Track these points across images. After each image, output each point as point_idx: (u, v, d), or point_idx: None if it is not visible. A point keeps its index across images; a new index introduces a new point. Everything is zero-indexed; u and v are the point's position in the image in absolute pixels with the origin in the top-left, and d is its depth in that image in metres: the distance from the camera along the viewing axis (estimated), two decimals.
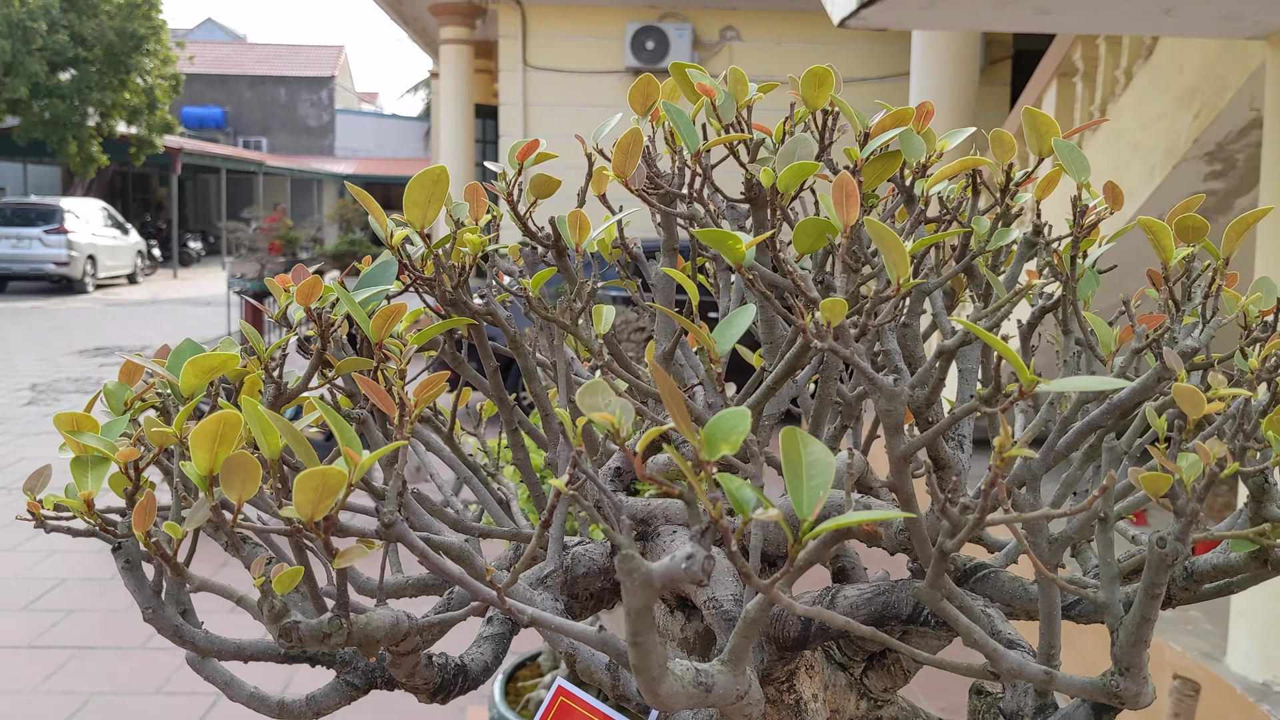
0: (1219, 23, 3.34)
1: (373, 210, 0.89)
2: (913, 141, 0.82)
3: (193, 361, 0.80)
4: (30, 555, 6.11)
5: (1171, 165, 4.25)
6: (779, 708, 0.86)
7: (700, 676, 0.68)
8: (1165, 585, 0.80)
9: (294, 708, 1.07)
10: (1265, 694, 3.36)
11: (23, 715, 4.24)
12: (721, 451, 0.55)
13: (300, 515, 0.70)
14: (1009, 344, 1.11)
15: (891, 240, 0.65)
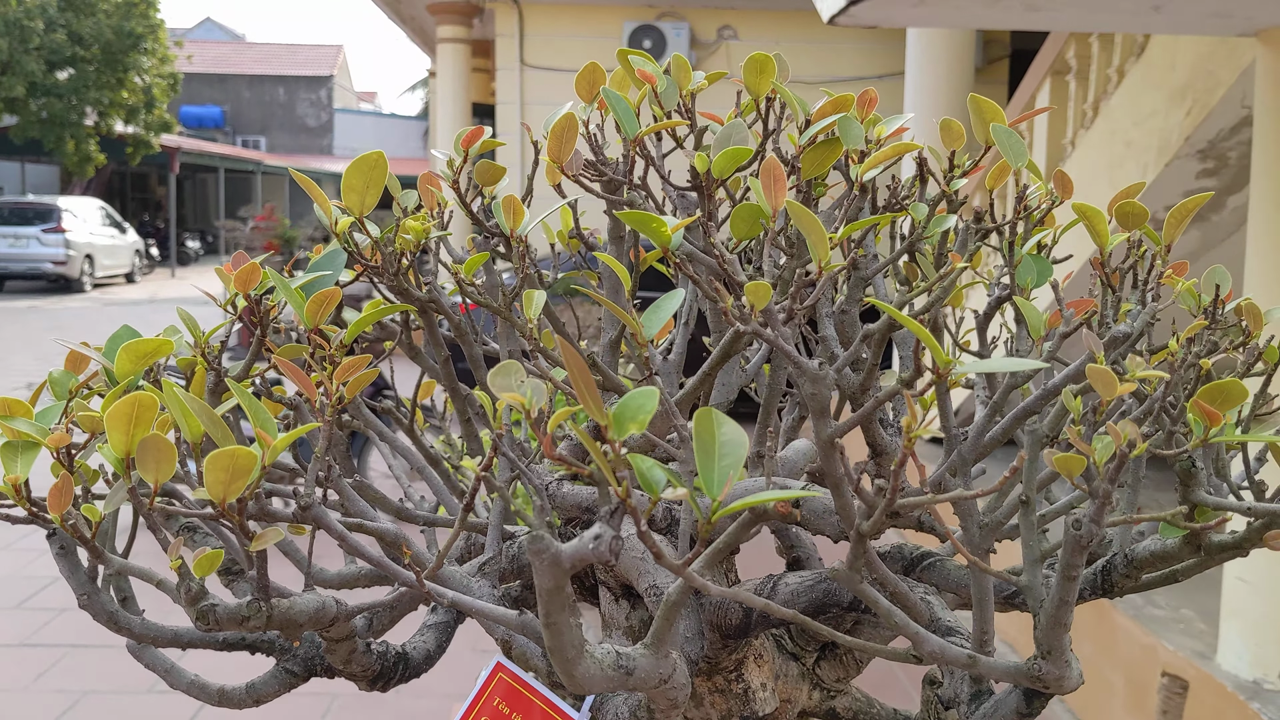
0: (1208, 20, 3.34)
1: (318, 198, 0.89)
2: (851, 128, 0.81)
3: (127, 347, 0.79)
4: (24, 554, 6.10)
5: (1164, 163, 4.25)
6: (727, 696, 0.85)
7: (621, 660, 0.68)
8: (1082, 567, 0.80)
9: (234, 695, 1.07)
10: (1256, 692, 3.35)
11: (15, 714, 4.23)
12: (629, 430, 0.55)
13: (213, 496, 0.69)
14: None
15: (810, 222, 0.64)
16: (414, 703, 4.37)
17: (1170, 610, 4.05)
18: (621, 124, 0.79)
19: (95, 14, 23.20)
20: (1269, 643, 3.38)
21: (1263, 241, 3.39)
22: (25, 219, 22.45)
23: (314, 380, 0.81)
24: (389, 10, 16.33)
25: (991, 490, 0.76)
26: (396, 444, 1.21)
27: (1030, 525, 0.89)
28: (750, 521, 0.61)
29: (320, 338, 0.83)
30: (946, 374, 0.69)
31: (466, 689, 1.66)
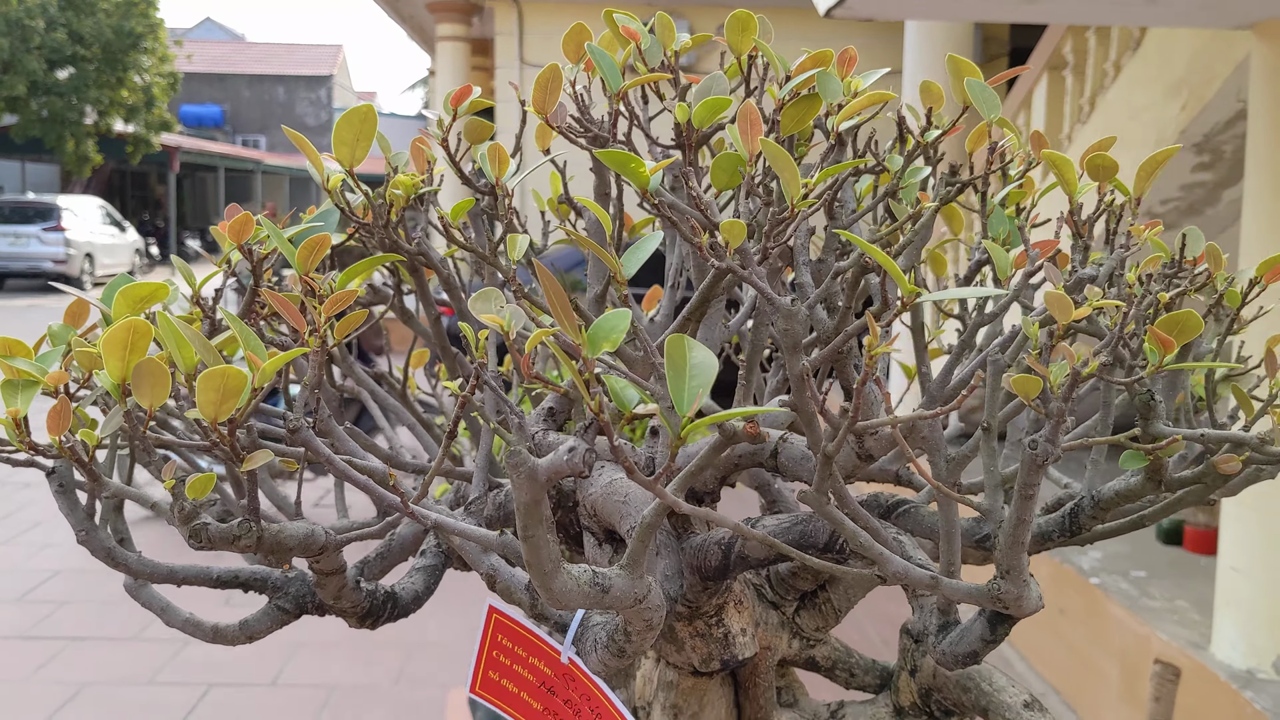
0: (1202, 12, 3.36)
1: (309, 154, 0.91)
2: (829, 82, 0.83)
3: (123, 290, 0.81)
4: (25, 548, 6.12)
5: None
6: (708, 640, 0.87)
7: (597, 578, 0.70)
8: (1038, 486, 0.81)
9: (227, 632, 1.09)
10: (1249, 681, 3.37)
11: (15, 704, 4.25)
12: (603, 349, 0.57)
13: (204, 416, 0.71)
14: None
15: (784, 160, 0.66)
16: (411, 692, 4.39)
17: (1165, 601, 4.07)
18: (606, 79, 0.81)
19: (95, 13, 23.21)
20: (1262, 632, 3.40)
21: (1257, 234, 3.41)
22: (26, 217, 22.44)
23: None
24: (388, 9, 16.35)
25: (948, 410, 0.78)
26: (387, 403, 1.22)
27: (991, 451, 0.91)
28: (720, 445, 0.62)
29: (310, 284, 0.85)
30: (911, 303, 0.71)
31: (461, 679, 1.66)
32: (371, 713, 4.24)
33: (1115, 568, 4.43)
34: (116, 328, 0.70)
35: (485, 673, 0.97)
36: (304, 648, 4.83)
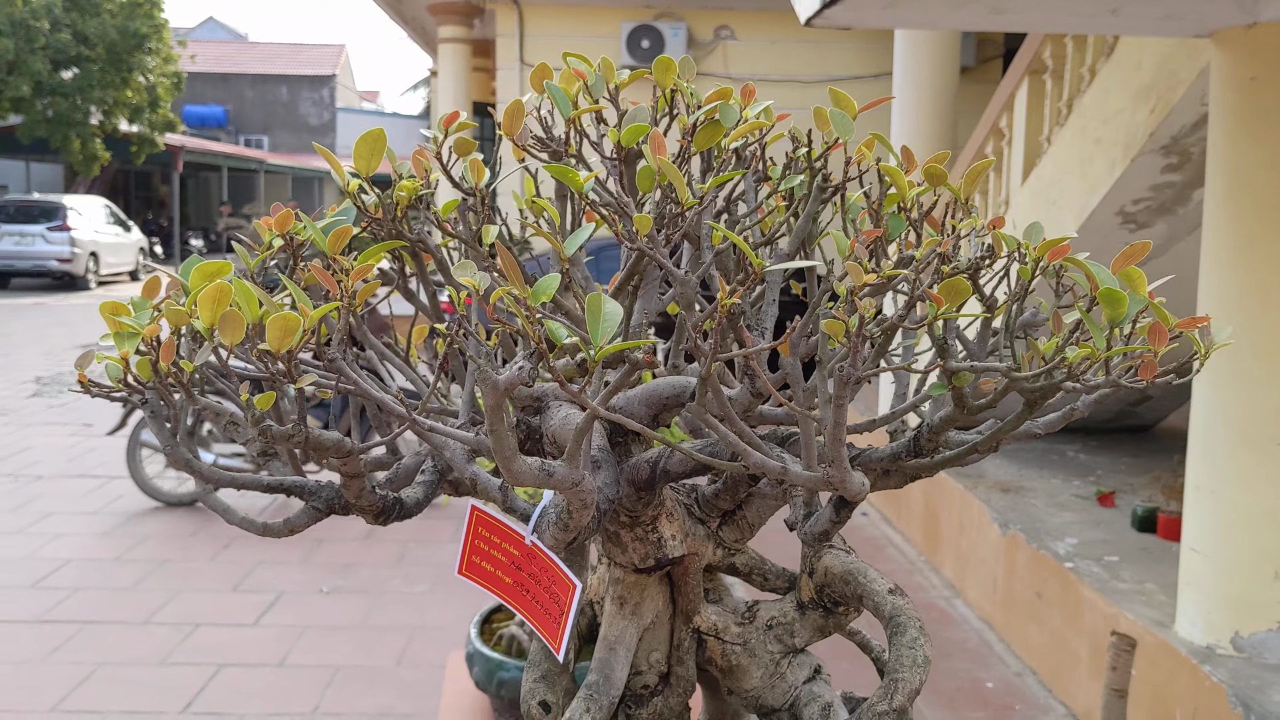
0: (1163, 22, 3.54)
1: (333, 164, 1.09)
2: (728, 111, 1.01)
3: (198, 267, 0.99)
4: (38, 538, 6.31)
5: (1130, 158, 4.44)
6: (645, 543, 1.04)
7: (545, 466, 0.88)
8: (848, 397, 0.96)
9: (274, 527, 1.27)
10: (1208, 656, 3.55)
11: (32, 684, 4.43)
12: (541, 299, 0.75)
13: (271, 348, 0.88)
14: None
15: (673, 172, 0.84)
16: (413, 672, 4.57)
17: (1134, 584, 4.25)
18: (559, 108, 0.99)
19: (100, 14, 23.39)
20: (1220, 611, 3.58)
21: (1217, 232, 3.58)
22: (31, 217, 22.62)
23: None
24: (390, 11, 16.52)
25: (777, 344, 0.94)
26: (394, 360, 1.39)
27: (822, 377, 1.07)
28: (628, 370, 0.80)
29: (337, 261, 1.03)
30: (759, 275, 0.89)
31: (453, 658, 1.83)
32: (375, 691, 4.42)
33: (1089, 554, 4.60)
34: (209, 288, 0.88)
35: (469, 558, 1.15)
36: (310, 630, 5.01)
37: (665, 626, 1.08)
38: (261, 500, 7.19)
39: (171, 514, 6.86)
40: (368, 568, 5.91)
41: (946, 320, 1.03)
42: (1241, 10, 3.39)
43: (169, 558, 6.01)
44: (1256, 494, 3.50)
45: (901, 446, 1.16)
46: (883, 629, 1.16)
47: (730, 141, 0.97)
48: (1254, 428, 3.49)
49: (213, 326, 0.88)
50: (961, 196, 1.15)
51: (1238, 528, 3.53)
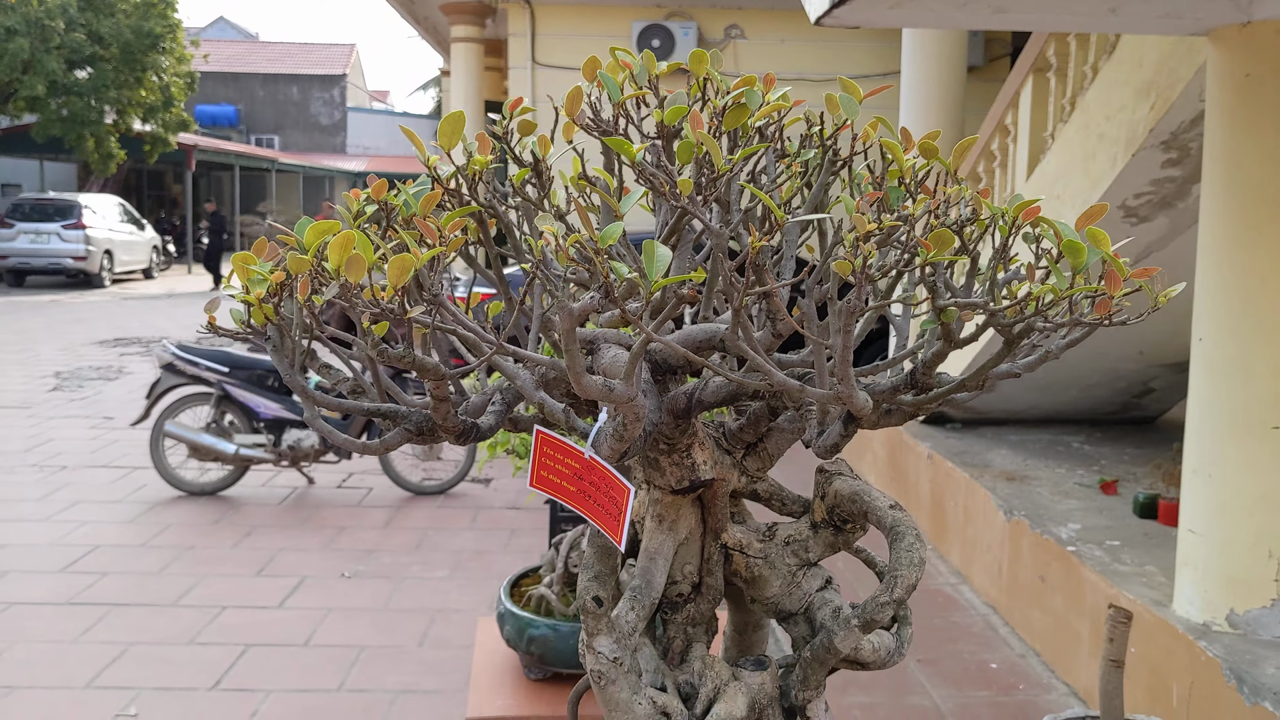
0: (1161, 20, 3.66)
1: (416, 143, 1.22)
2: (752, 96, 1.14)
3: (312, 226, 1.13)
4: (65, 525, 6.47)
5: (1131, 154, 4.57)
6: (680, 468, 1.18)
7: (606, 383, 1.01)
8: (854, 327, 1.08)
9: (371, 446, 1.39)
10: (1204, 633, 3.67)
11: (66, 662, 4.58)
12: (609, 242, 0.88)
13: (391, 282, 1.02)
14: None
15: (710, 143, 0.98)
16: (435, 653, 4.72)
17: (1134, 567, 4.37)
18: (610, 94, 1.12)
19: (115, 14, 23.59)
20: (1216, 589, 3.71)
21: (1213, 224, 3.71)
22: (46, 215, 22.84)
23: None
24: (403, 10, 16.68)
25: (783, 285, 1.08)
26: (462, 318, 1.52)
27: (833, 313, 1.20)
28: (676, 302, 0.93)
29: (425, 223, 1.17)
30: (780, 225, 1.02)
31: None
32: (399, 669, 4.56)
33: (1092, 539, 4.73)
34: (340, 235, 1.02)
35: (538, 473, 1.28)
36: (333, 613, 5.16)
37: (697, 542, 1.21)
38: (280, 491, 7.35)
39: (194, 503, 7.02)
40: (388, 554, 6.06)
41: (935, 265, 1.16)
42: (1237, 9, 3.52)
43: (193, 544, 6.17)
44: (1252, 477, 3.62)
45: (900, 380, 1.29)
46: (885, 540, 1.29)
47: (755, 121, 1.10)
48: (1249, 413, 3.61)
49: (339, 267, 1.01)
50: (951, 169, 1.28)
51: (1233, 510, 3.66)
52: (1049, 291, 1.17)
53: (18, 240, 22.32)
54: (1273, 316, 3.54)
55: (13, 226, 22.38)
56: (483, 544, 6.25)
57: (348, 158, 46.74)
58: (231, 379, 7.03)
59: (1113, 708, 3.15)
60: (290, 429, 7.07)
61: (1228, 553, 3.68)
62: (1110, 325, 1.17)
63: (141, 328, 16.29)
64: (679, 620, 1.18)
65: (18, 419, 9.54)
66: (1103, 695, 3.17)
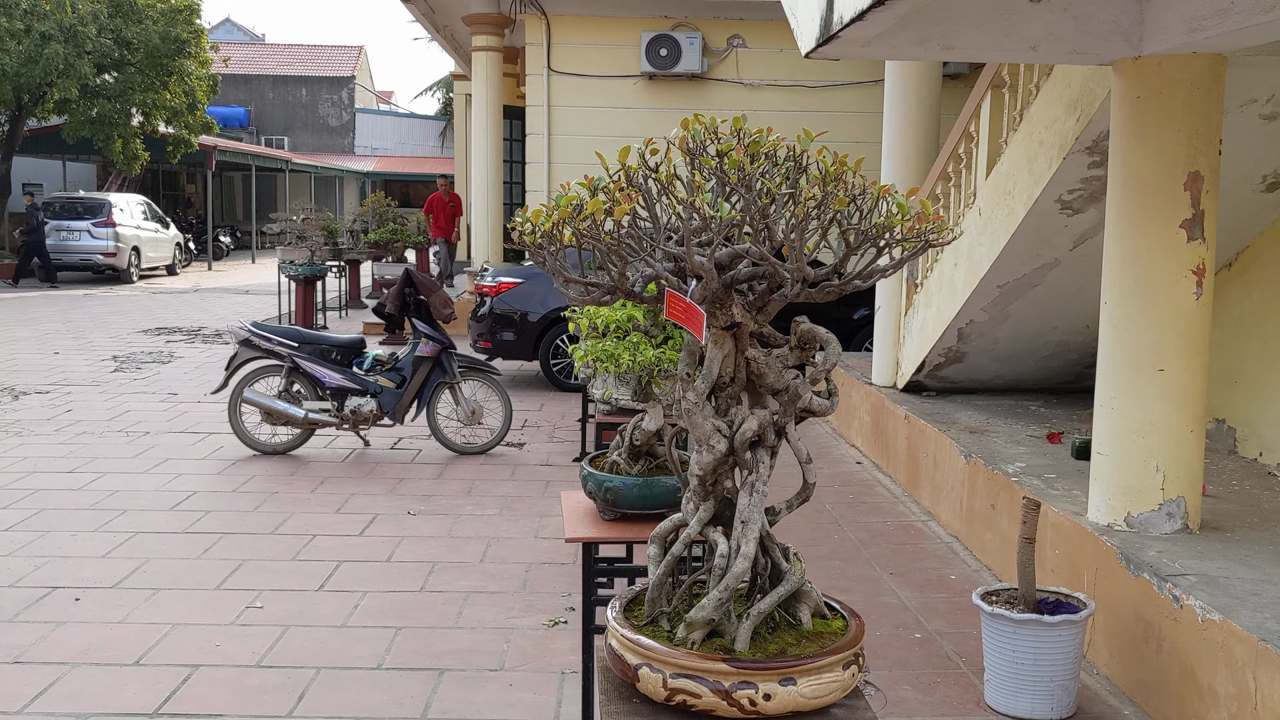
0: (1072, 55, 4.70)
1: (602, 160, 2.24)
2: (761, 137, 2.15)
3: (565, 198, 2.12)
4: (163, 476, 7.51)
5: (1063, 157, 5.61)
6: (726, 314, 2.13)
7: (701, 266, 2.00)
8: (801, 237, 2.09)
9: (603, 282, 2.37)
10: (1108, 531, 4.71)
11: (196, 572, 5.61)
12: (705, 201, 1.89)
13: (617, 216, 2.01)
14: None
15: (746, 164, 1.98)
16: (495, 567, 5.75)
17: (1064, 491, 5.41)
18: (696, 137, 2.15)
19: (143, 21, 24.63)
20: (1117, 498, 4.74)
21: (1115, 212, 4.74)
22: (76, 213, 23.93)
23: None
24: (424, 20, 17.72)
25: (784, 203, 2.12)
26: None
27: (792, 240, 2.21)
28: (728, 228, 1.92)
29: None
30: (773, 196, 2.02)
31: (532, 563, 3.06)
32: (467, 577, 5.60)
33: (1034, 473, 5.77)
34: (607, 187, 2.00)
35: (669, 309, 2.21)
36: (406, 539, 6.20)
37: (733, 356, 2.18)
38: (342, 451, 8.39)
39: (268, 460, 8.06)
40: (444, 498, 7.10)
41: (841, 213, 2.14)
42: (1129, 46, 4.56)
43: (277, 490, 7.21)
44: (1143, 408, 4.66)
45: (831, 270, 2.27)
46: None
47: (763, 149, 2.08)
48: (1141, 358, 4.65)
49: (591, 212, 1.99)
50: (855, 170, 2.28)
51: (1129, 434, 4.70)
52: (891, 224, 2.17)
53: (50, 237, 23.38)
54: (1156, 283, 4.58)
55: (45, 224, 23.45)
56: (523, 491, 7.29)
57: (356, 158, 47.87)
58: (300, 353, 8.07)
59: (1026, 574, 4.22)
60: (351, 397, 8.10)
61: (1125, 468, 4.71)
62: (929, 245, 2.17)
63: (178, 319, 17.33)
64: (724, 395, 2.16)
65: (93, 395, 10.59)
66: (1020, 567, 4.24)
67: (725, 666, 1.89)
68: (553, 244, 2.06)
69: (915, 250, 2.04)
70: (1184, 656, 3.93)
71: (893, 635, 4.93)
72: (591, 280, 2.11)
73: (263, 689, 4.29)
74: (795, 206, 1.88)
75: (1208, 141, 4.55)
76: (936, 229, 2.06)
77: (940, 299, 7.48)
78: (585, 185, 2.00)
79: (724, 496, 2.12)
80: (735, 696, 1.87)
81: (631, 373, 3.27)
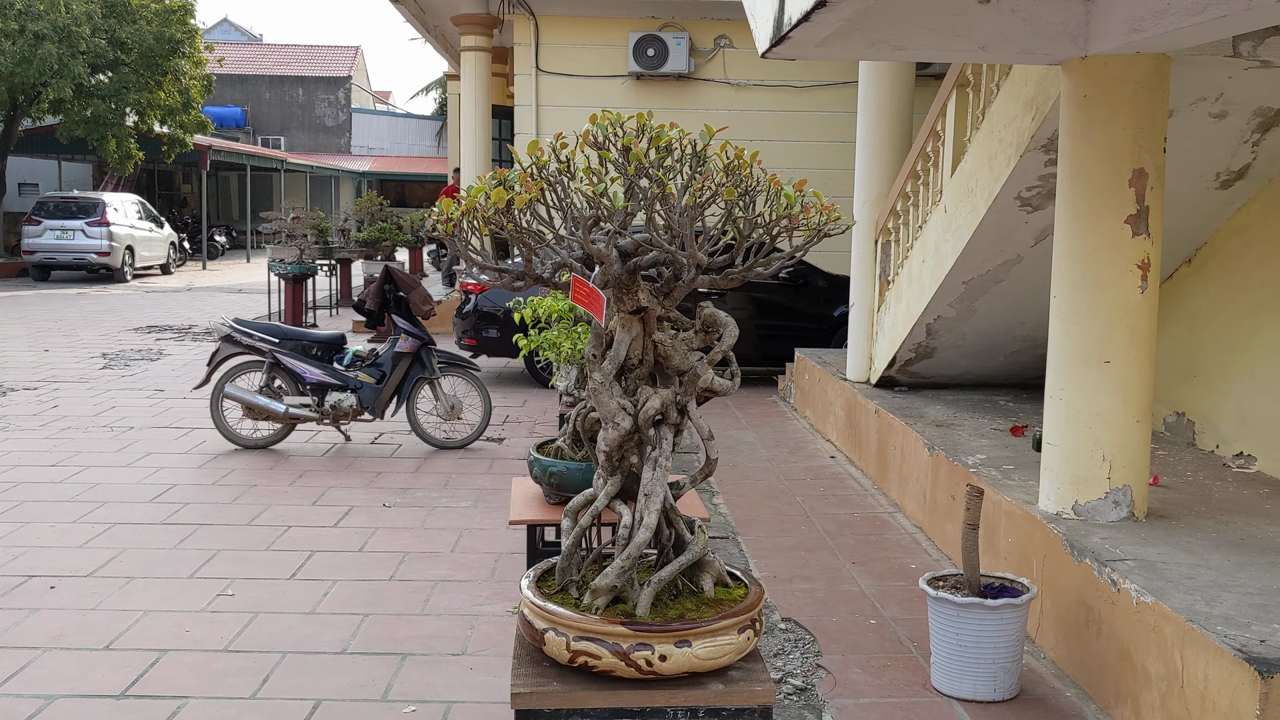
0: (1021, 55, 4.82)
1: (529, 144, 2.35)
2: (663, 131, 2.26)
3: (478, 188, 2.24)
4: (145, 469, 7.62)
5: (1020, 155, 5.72)
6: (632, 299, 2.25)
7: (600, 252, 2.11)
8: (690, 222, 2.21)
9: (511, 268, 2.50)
10: (1056, 520, 4.82)
11: (171, 561, 5.71)
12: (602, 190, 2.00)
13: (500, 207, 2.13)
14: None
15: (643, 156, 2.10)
16: (465, 556, 5.86)
17: (1020, 481, 5.52)
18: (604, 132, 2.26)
19: (136, 21, 24.75)
20: (1065, 487, 4.85)
21: (1064, 207, 4.85)
22: (70, 213, 24.02)
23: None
24: (414, 21, 17.83)
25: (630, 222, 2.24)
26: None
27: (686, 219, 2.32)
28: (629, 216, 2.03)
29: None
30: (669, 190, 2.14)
31: (502, 552, 3.15)
32: (437, 567, 5.71)
33: (993, 464, 5.88)
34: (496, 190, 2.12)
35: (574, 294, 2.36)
36: (380, 530, 6.32)
37: (640, 339, 2.30)
38: (322, 445, 8.50)
39: (249, 454, 8.18)
40: (421, 490, 7.22)
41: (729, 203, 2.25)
42: (1076, 46, 4.68)
43: (256, 483, 7.33)
44: (1090, 399, 4.78)
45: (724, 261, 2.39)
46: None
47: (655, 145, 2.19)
48: (1088, 351, 4.76)
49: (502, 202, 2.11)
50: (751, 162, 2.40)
51: (1077, 424, 4.81)
52: (777, 212, 2.29)
53: (45, 236, 23.51)
54: (1103, 277, 4.70)
55: (40, 223, 23.56)
56: (499, 484, 7.41)
57: (352, 158, 47.98)
58: (281, 349, 8.18)
59: (970, 560, 4.34)
60: (331, 392, 8.21)
61: (1073, 458, 4.83)
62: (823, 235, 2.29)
63: (170, 317, 17.44)
64: (633, 376, 2.28)
65: (80, 391, 10.70)
66: (964, 553, 4.36)
67: (624, 630, 2.01)
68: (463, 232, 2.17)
69: (811, 239, 2.15)
70: (1121, 638, 4.05)
71: (848, 621, 5.05)
72: (501, 266, 2.22)
73: (228, 672, 4.40)
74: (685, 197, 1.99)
75: (1153, 139, 4.67)
76: (831, 219, 2.18)
77: (910, 295, 7.60)
78: (496, 176, 2.11)
79: (631, 472, 2.24)
80: (633, 657, 1.99)
81: (574, 359, 3.39)
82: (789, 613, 5.14)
